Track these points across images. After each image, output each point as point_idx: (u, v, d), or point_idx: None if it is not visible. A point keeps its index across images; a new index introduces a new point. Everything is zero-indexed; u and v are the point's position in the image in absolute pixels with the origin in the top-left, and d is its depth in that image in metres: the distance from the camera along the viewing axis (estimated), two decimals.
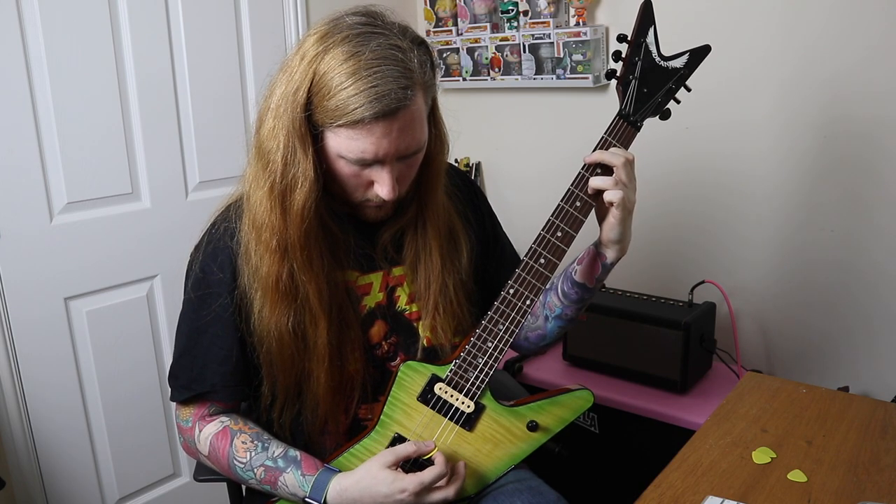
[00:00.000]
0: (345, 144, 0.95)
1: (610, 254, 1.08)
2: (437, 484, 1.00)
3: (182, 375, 1.10)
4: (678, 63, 1.04)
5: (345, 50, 0.92)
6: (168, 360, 1.90)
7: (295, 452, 1.06)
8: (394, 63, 0.92)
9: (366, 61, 0.91)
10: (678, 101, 1.07)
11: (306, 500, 1.02)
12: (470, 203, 1.21)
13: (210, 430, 1.09)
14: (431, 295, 1.12)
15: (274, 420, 1.11)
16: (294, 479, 1.03)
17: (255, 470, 1.05)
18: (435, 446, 1.03)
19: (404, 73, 0.93)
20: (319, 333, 1.04)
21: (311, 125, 0.96)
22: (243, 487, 1.24)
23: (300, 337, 1.05)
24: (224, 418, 1.10)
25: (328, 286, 1.04)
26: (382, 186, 0.99)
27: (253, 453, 1.05)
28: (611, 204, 1.02)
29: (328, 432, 1.12)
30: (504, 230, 1.30)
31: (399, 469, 1.01)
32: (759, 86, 1.78)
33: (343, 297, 1.08)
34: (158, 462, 1.94)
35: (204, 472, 1.20)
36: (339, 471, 1.03)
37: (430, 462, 1.02)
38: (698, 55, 1.04)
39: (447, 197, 1.15)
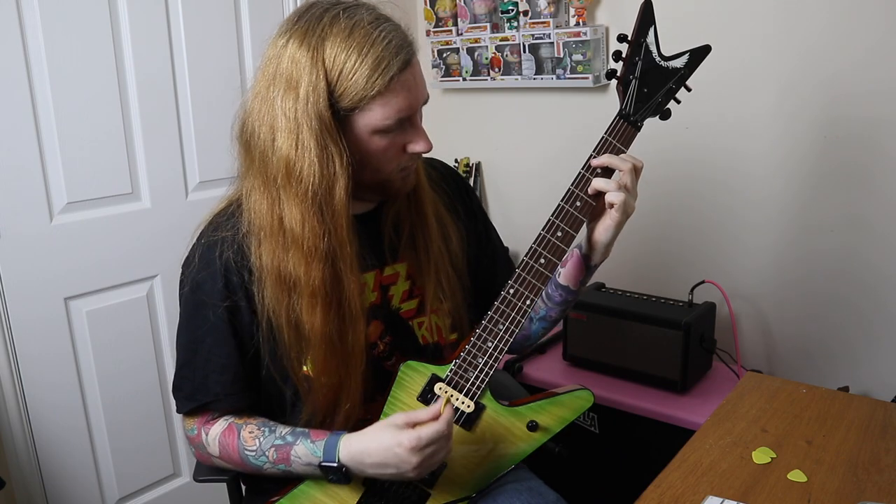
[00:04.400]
0: (380, 114, 0.96)
1: (596, 256, 1.09)
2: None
3: (185, 387, 1.10)
4: (678, 63, 1.04)
5: (342, 28, 0.94)
6: (168, 360, 1.90)
7: (302, 428, 1.06)
8: (387, 20, 0.98)
9: (368, 27, 0.94)
10: (678, 101, 1.07)
11: (322, 464, 1.01)
12: (459, 198, 1.22)
13: (216, 430, 1.09)
14: (432, 265, 1.12)
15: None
16: (305, 448, 1.03)
17: (267, 452, 1.05)
18: (444, 401, 1.01)
19: (398, 25, 0.98)
20: (358, 334, 1.04)
21: (335, 119, 0.96)
22: (243, 487, 1.24)
23: (342, 341, 1.03)
24: (228, 417, 1.10)
25: (362, 288, 1.05)
26: (419, 140, 1.02)
27: (261, 439, 1.05)
28: (611, 205, 1.02)
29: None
30: (496, 230, 1.31)
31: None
32: (760, 86, 1.78)
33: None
34: (158, 462, 1.94)
35: (204, 473, 1.20)
36: (346, 432, 1.03)
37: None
38: (698, 55, 1.05)
39: (432, 190, 1.16)
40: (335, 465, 1.00)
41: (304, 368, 1.06)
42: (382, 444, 0.97)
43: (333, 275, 1.00)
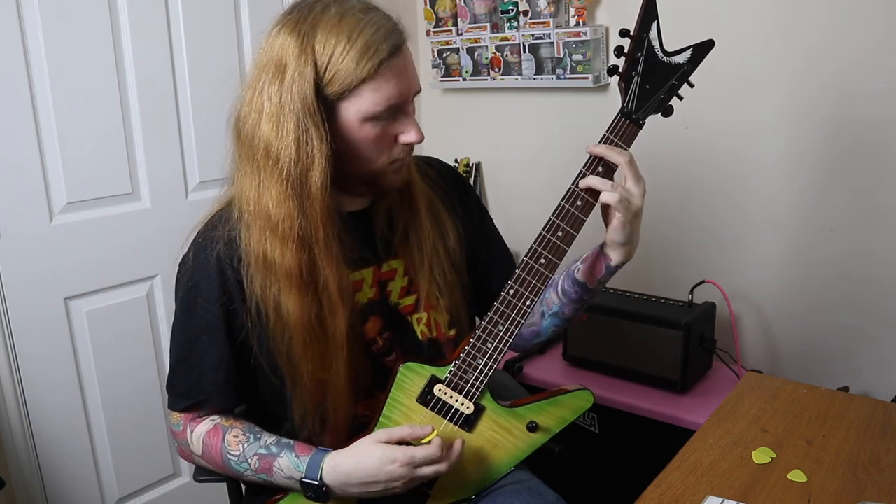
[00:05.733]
0: (371, 100, 0.97)
1: (615, 256, 1.07)
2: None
3: (180, 384, 1.10)
4: (681, 59, 1.03)
5: (332, 15, 0.96)
6: (168, 360, 1.90)
7: (287, 440, 1.06)
8: (376, 9, 0.99)
9: (358, 14, 0.96)
10: (681, 98, 1.06)
11: (303, 480, 1.01)
12: (457, 195, 1.22)
13: (201, 430, 1.09)
14: (426, 261, 1.12)
15: (309, 432, 1.09)
16: (289, 461, 1.03)
17: (250, 460, 1.05)
18: (433, 430, 1.02)
19: (389, 15, 1.00)
20: (337, 323, 1.03)
21: (322, 105, 0.97)
22: (243, 488, 1.24)
23: (321, 328, 1.03)
24: (214, 417, 1.10)
25: (346, 273, 1.04)
26: (410, 130, 1.02)
27: (245, 445, 1.05)
28: (607, 205, 1.02)
29: (328, 430, 1.11)
30: (495, 225, 1.30)
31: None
32: (760, 85, 1.77)
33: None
34: (158, 462, 1.94)
35: (204, 473, 1.20)
36: (332, 450, 1.03)
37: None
38: (702, 50, 1.03)
39: (428, 187, 1.16)
40: (316, 482, 1.00)
41: (289, 355, 1.05)
42: (372, 461, 0.97)
43: (309, 259, 1.01)
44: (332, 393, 1.06)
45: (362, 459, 0.98)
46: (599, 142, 1.04)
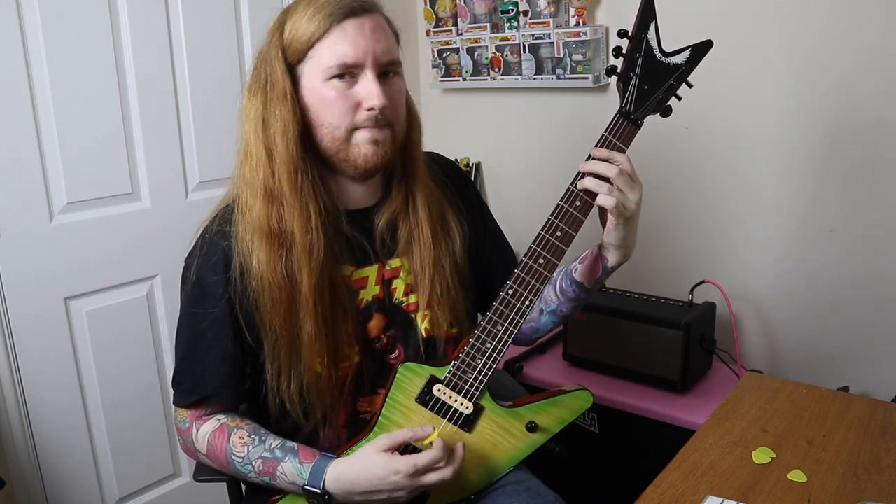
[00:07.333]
0: (326, 57, 1.01)
1: (611, 257, 1.08)
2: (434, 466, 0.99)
3: (186, 380, 1.11)
4: (680, 59, 1.03)
5: None
6: (168, 360, 1.90)
7: (292, 444, 1.06)
8: None
9: None
10: (679, 98, 1.06)
11: (305, 487, 1.01)
12: (460, 192, 1.22)
13: (207, 429, 1.09)
14: (427, 274, 1.12)
15: (284, 397, 1.08)
16: (292, 467, 1.03)
17: (254, 462, 1.05)
18: (434, 430, 1.02)
19: None
20: (304, 276, 1.04)
21: (286, 68, 1.02)
22: (243, 488, 1.24)
23: (292, 280, 1.04)
24: (221, 416, 1.11)
25: (315, 231, 1.05)
26: (370, 94, 1.02)
27: (250, 447, 1.06)
28: (604, 208, 1.02)
29: (329, 425, 1.11)
30: (497, 222, 1.31)
31: (395, 453, 1.00)
32: (761, 85, 1.77)
33: (333, 268, 1.08)
34: (158, 462, 1.94)
35: (204, 473, 1.20)
36: (336, 457, 1.03)
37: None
38: (700, 51, 1.03)
39: (435, 184, 1.16)
40: (319, 491, 1.01)
41: (259, 306, 1.05)
42: (375, 472, 0.98)
43: (277, 212, 1.03)
44: (305, 350, 1.05)
45: (365, 468, 0.98)
46: (597, 142, 1.04)
